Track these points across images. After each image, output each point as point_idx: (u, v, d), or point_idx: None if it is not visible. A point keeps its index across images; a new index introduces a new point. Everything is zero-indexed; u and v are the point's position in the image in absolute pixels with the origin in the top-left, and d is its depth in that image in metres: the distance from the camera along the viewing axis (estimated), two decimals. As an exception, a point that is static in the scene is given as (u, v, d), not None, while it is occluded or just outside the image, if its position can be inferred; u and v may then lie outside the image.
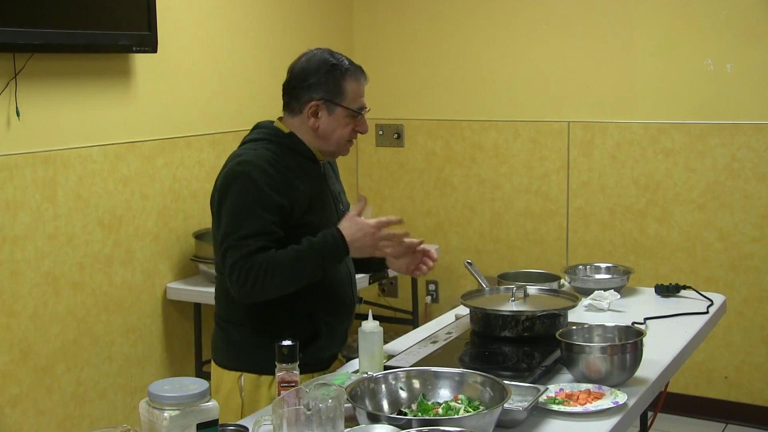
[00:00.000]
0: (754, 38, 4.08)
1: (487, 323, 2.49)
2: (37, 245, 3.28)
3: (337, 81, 2.38)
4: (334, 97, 2.38)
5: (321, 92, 2.38)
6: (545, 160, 4.57)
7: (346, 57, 2.44)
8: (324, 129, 2.40)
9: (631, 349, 2.20)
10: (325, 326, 2.44)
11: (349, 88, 2.39)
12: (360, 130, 2.44)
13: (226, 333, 2.49)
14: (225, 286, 2.37)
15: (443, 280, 4.89)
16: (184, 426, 1.68)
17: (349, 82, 2.39)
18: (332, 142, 2.42)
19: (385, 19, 4.88)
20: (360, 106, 2.42)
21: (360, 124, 2.43)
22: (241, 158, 2.35)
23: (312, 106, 2.39)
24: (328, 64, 2.39)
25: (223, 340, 2.50)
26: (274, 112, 2.59)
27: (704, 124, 4.21)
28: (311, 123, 2.40)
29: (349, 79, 2.39)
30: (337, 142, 2.42)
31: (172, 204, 3.84)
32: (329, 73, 2.38)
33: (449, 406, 1.94)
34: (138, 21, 3.49)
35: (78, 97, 3.42)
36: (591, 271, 3.23)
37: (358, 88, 2.41)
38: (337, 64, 2.39)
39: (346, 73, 2.39)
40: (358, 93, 2.41)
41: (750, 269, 4.19)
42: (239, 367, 2.43)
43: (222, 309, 2.51)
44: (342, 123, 2.40)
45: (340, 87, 2.38)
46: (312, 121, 2.40)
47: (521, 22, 4.55)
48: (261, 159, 2.33)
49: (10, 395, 3.22)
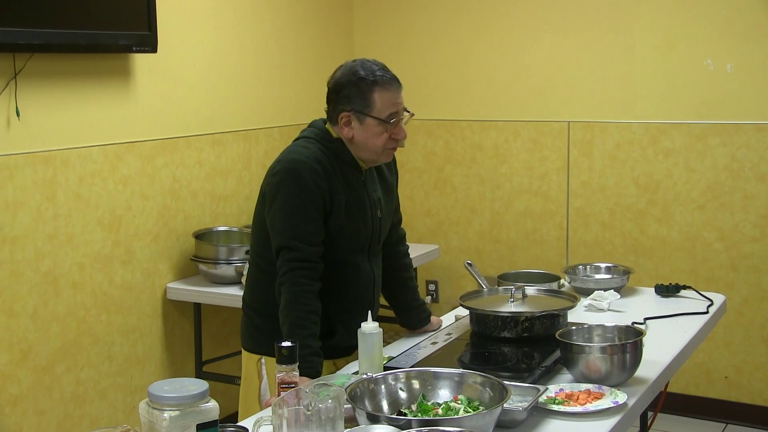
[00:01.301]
0: (754, 38, 4.07)
1: (486, 324, 2.49)
2: (37, 245, 3.28)
3: (365, 92, 2.44)
4: (363, 108, 2.45)
5: (351, 104, 2.46)
6: (545, 160, 4.57)
7: (379, 66, 2.49)
8: (358, 139, 2.48)
9: (631, 349, 2.21)
10: (341, 324, 2.55)
11: (378, 98, 2.45)
12: (397, 137, 2.50)
13: (249, 318, 2.64)
14: (256, 272, 2.57)
15: (443, 280, 4.89)
16: (184, 426, 1.68)
17: (378, 93, 2.45)
18: (369, 150, 2.50)
19: (384, 19, 4.88)
20: (391, 114, 2.46)
21: (396, 132, 2.49)
22: (292, 155, 2.46)
23: (343, 117, 2.47)
24: (357, 76, 2.45)
25: (247, 325, 2.65)
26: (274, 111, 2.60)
27: (704, 124, 4.21)
28: (345, 133, 2.49)
29: (378, 89, 2.45)
30: (373, 150, 2.49)
31: (172, 204, 3.84)
32: (357, 85, 2.45)
33: (449, 406, 1.94)
34: (138, 21, 3.49)
35: (78, 97, 3.42)
36: (591, 271, 3.23)
37: (390, 96, 2.46)
38: (365, 76, 2.45)
39: (374, 84, 2.45)
40: (389, 102, 2.46)
41: (750, 269, 4.19)
42: (259, 351, 2.55)
43: (248, 294, 2.67)
44: (374, 132, 2.47)
45: (369, 98, 2.45)
46: (345, 131, 2.48)
47: (521, 23, 4.55)
48: (311, 158, 2.44)
49: (10, 395, 3.22)
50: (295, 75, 4.51)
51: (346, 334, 2.54)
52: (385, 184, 2.66)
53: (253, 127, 4.25)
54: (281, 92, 4.41)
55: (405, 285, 2.79)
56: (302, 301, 2.39)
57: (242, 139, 4.19)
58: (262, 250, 2.54)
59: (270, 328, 2.50)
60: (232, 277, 3.75)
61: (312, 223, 2.42)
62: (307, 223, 2.41)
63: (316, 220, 2.42)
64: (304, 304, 2.39)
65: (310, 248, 2.41)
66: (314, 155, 2.45)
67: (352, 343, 2.55)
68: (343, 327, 2.54)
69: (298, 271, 2.40)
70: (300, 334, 2.33)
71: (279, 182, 2.44)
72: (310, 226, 2.42)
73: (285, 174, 2.43)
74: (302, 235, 2.41)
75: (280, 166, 2.46)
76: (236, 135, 4.17)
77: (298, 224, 2.41)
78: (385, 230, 2.66)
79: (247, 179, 4.22)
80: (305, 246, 2.40)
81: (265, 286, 2.51)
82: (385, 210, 2.63)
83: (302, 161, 2.43)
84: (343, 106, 2.46)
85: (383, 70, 2.48)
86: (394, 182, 2.72)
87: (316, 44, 4.65)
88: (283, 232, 2.42)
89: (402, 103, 2.50)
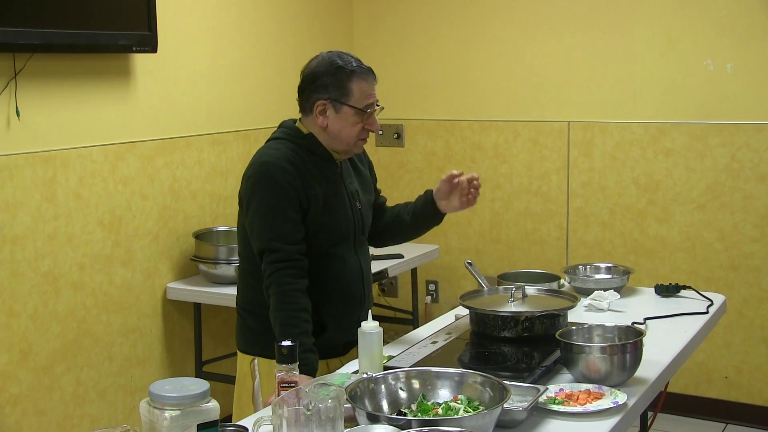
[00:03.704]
0: (754, 38, 4.07)
1: (486, 324, 2.49)
2: (37, 245, 3.28)
3: (343, 81, 2.46)
4: (340, 96, 2.47)
5: (328, 92, 2.47)
6: (545, 160, 4.57)
7: (355, 58, 2.51)
8: (332, 127, 2.50)
9: (631, 349, 2.20)
10: (331, 320, 2.55)
11: (356, 88, 2.47)
12: (371, 129, 2.53)
13: (243, 319, 2.65)
14: (245, 276, 2.58)
15: (443, 280, 4.89)
16: (185, 426, 1.68)
17: (356, 82, 2.47)
18: (342, 140, 2.51)
19: (385, 19, 4.88)
20: (368, 104, 2.49)
21: (370, 123, 2.52)
22: (263, 158, 2.48)
23: (319, 105, 2.49)
24: (335, 65, 2.47)
25: (241, 326, 2.66)
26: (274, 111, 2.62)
27: (704, 124, 4.21)
28: (320, 122, 2.50)
29: (356, 79, 2.47)
30: (347, 140, 2.51)
31: (172, 204, 3.84)
32: (335, 74, 2.47)
33: (449, 406, 1.94)
34: (138, 21, 3.49)
35: (78, 97, 3.42)
36: (591, 271, 3.23)
37: (367, 87, 2.49)
38: (343, 65, 2.47)
39: (352, 74, 2.47)
40: (366, 92, 2.49)
41: (750, 269, 4.19)
42: (252, 352, 2.57)
43: (240, 296, 2.68)
44: (350, 122, 2.49)
45: (346, 87, 2.47)
46: (320, 119, 2.49)
47: (521, 22, 4.55)
48: (281, 158, 2.45)
49: (10, 395, 3.22)
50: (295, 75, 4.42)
51: (338, 330, 2.55)
52: (360, 176, 2.68)
53: (253, 127, 4.25)
54: (281, 92, 4.40)
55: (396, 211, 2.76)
56: (290, 300, 2.40)
57: (242, 139, 4.19)
58: (248, 254, 2.55)
59: (262, 329, 2.51)
60: (232, 277, 3.75)
61: (290, 222, 2.43)
62: (285, 223, 2.42)
63: (293, 219, 2.43)
64: (292, 303, 2.40)
65: (291, 247, 2.42)
66: (284, 155, 2.46)
67: (344, 341, 2.59)
68: (333, 322, 2.55)
69: (282, 271, 2.41)
70: (292, 333, 2.33)
71: (252, 186, 2.46)
72: (288, 225, 2.42)
73: (257, 177, 2.45)
74: (281, 235, 2.42)
75: (252, 170, 2.48)
76: (236, 135, 4.17)
77: (277, 225, 2.42)
78: (368, 221, 2.67)
79: (247, 179, 4.21)
80: (286, 246, 2.41)
81: (255, 288, 2.52)
82: (363, 201, 2.64)
83: (272, 162, 2.44)
84: (320, 94, 2.48)
85: (359, 62, 2.51)
86: (367, 173, 2.73)
87: (316, 44, 4.64)
88: (262, 234, 2.43)
89: (375, 95, 2.53)
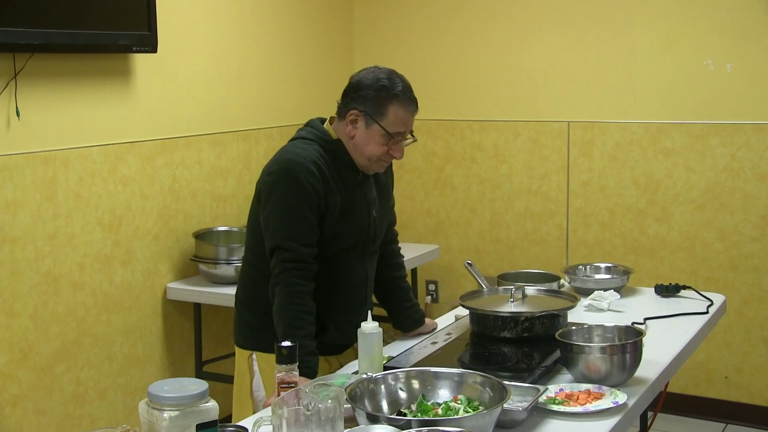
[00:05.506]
0: (754, 38, 4.07)
1: (486, 324, 2.49)
2: (37, 245, 3.28)
3: (383, 101, 2.45)
4: (375, 113, 2.45)
5: (365, 105, 2.46)
6: (545, 160, 4.57)
7: (404, 84, 2.49)
8: (358, 140, 2.48)
9: (631, 349, 2.21)
10: (332, 322, 2.56)
11: (392, 112, 2.45)
12: (394, 155, 2.52)
13: (241, 314, 2.65)
14: (248, 269, 2.58)
15: (443, 280, 4.89)
16: (184, 426, 1.68)
17: (394, 106, 2.45)
18: (364, 155, 2.50)
19: (384, 19, 4.88)
20: (398, 132, 2.47)
21: (395, 149, 2.50)
22: (289, 156, 2.45)
23: (352, 114, 2.47)
24: (380, 83, 2.46)
25: (238, 321, 2.67)
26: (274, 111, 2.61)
27: (704, 124, 4.21)
28: (348, 130, 2.49)
29: (396, 103, 2.45)
30: (368, 156, 2.50)
31: (172, 204, 3.84)
32: (378, 91, 2.45)
33: (449, 406, 1.94)
34: (138, 21, 3.49)
35: (78, 97, 3.42)
36: (591, 271, 3.23)
37: (403, 115, 2.47)
38: (388, 86, 2.46)
39: (394, 97, 2.45)
40: (401, 119, 2.47)
41: (750, 269, 4.19)
42: (250, 347, 2.59)
43: (240, 290, 2.67)
44: (376, 140, 2.47)
45: (384, 107, 2.45)
46: (349, 128, 2.49)
47: (521, 22, 4.55)
48: (308, 160, 2.43)
49: (10, 395, 3.22)
50: (295, 75, 4.51)
51: (338, 332, 2.56)
52: (379, 184, 2.67)
53: (253, 127, 4.25)
54: (281, 92, 4.41)
55: (396, 285, 2.79)
56: (297, 302, 2.39)
57: (242, 139, 4.19)
58: (256, 248, 2.54)
59: (260, 324, 2.52)
60: (232, 277, 3.75)
61: (307, 224, 2.42)
62: (303, 224, 2.41)
63: (310, 221, 2.42)
64: (298, 305, 2.39)
65: (305, 249, 2.41)
66: (311, 156, 2.44)
67: (343, 342, 2.60)
68: (334, 325, 2.55)
69: (292, 272, 2.40)
70: (296, 334, 2.33)
71: (274, 182, 2.44)
72: (304, 226, 2.41)
73: (280, 174, 2.43)
74: (296, 235, 2.41)
75: (276, 165, 2.46)
76: (236, 135, 4.17)
77: (293, 225, 2.41)
78: (381, 230, 2.67)
79: (247, 179, 4.22)
80: (299, 246, 2.40)
81: (257, 282, 2.52)
82: (380, 210, 2.63)
83: (298, 162, 2.42)
84: (357, 104, 2.46)
85: (408, 89, 2.49)
86: (389, 183, 2.73)
87: (316, 44, 4.65)
88: (277, 232, 2.42)
89: (411, 126, 2.51)
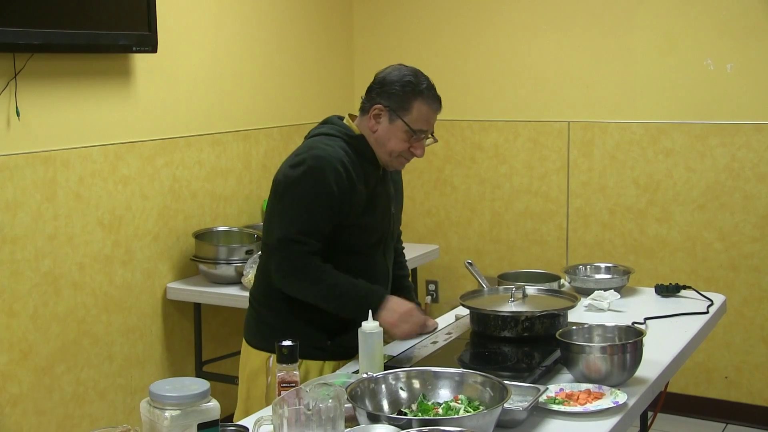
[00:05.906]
0: (754, 38, 4.08)
1: (486, 324, 2.49)
2: (37, 245, 3.28)
3: (408, 96, 2.46)
4: (399, 109, 2.46)
5: (390, 101, 2.47)
6: (545, 160, 4.57)
7: (429, 83, 2.51)
8: (380, 134, 2.49)
9: (631, 349, 2.20)
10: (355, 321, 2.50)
11: (417, 108, 2.47)
12: (414, 153, 2.52)
13: (259, 314, 2.59)
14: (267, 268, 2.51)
15: (443, 280, 4.89)
16: (185, 426, 1.68)
17: (419, 103, 2.47)
18: (385, 150, 2.50)
19: (385, 19, 4.88)
20: (420, 129, 2.48)
21: (416, 147, 2.51)
22: (316, 152, 2.43)
23: (376, 108, 2.48)
24: (406, 79, 2.48)
25: (256, 321, 2.60)
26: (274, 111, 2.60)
27: (704, 124, 4.21)
28: (371, 125, 2.49)
29: (421, 100, 2.47)
30: (390, 152, 2.51)
31: (172, 204, 3.84)
32: (403, 87, 2.47)
33: (449, 406, 1.94)
34: (138, 21, 3.49)
35: (78, 97, 3.42)
36: (591, 271, 3.23)
37: (427, 112, 2.49)
38: (414, 83, 2.47)
39: (419, 93, 2.47)
40: (424, 117, 2.49)
41: (750, 269, 4.19)
42: (270, 349, 2.48)
43: (258, 290, 2.61)
44: (398, 136, 2.48)
45: (409, 103, 2.46)
46: (372, 123, 2.49)
47: (521, 22, 4.55)
48: (334, 158, 2.43)
49: (10, 395, 3.22)
50: (295, 75, 4.51)
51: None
52: (394, 181, 2.70)
53: (253, 127, 4.25)
54: (281, 92, 4.41)
55: (400, 283, 2.79)
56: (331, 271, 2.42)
57: (242, 139, 4.19)
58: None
59: (281, 325, 2.48)
60: (232, 277, 3.75)
61: (324, 221, 2.42)
62: (321, 221, 2.41)
63: (328, 221, 2.42)
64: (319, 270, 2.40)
65: (319, 244, 2.42)
66: (338, 155, 2.44)
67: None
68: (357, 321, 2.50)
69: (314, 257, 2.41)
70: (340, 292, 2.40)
71: (300, 175, 2.41)
72: (322, 223, 2.42)
73: (308, 169, 2.41)
74: (314, 231, 2.41)
75: (304, 159, 2.43)
76: (236, 135, 4.17)
77: (313, 220, 2.41)
78: (397, 225, 2.71)
79: (247, 179, 4.22)
80: (314, 241, 2.41)
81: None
82: (396, 206, 2.67)
83: (326, 159, 2.41)
84: (382, 99, 2.47)
85: (432, 87, 2.51)
86: (400, 182, 2.77)
87: (316, 44, 4.65)
88: (293, 222, 2.40)
89: (433, 125, 2.53)
